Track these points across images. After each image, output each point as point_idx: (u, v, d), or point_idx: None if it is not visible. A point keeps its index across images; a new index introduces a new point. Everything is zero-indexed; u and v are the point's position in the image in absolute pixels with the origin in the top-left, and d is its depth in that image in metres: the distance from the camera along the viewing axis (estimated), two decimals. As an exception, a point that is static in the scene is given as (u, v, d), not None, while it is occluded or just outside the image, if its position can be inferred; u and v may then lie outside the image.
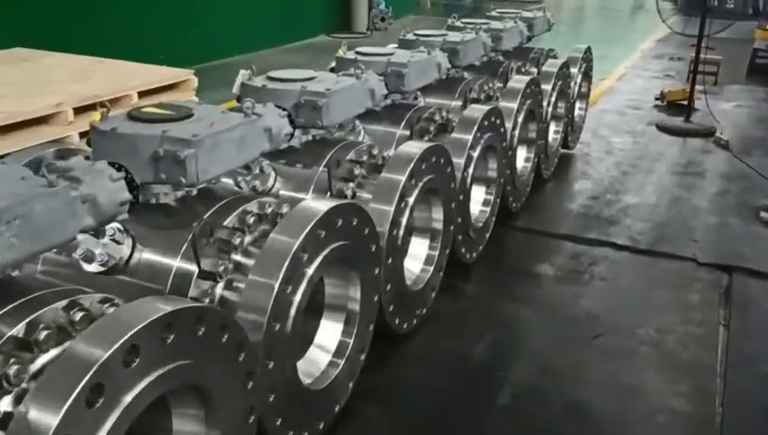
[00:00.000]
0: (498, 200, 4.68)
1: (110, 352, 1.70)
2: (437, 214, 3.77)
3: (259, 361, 2.34)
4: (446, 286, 4.03)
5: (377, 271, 3.10)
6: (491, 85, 5.12)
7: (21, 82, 6.00)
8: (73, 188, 2.11)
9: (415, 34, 5.15)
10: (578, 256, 4.68)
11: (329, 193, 3.32)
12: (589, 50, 6.52)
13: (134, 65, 7.02)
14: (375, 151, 3.58)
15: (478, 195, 4.51)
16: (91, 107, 5.67)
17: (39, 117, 5.33)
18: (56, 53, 7.15)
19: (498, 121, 4.38)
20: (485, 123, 4.15)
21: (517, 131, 4.80)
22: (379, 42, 5.28)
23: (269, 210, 2.77)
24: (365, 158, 3.50)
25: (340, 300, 2.99)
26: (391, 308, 3.34)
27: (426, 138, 4.17)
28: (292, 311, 2.50)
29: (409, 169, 3.29)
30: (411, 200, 3.38)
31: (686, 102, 8.02)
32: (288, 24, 12.37)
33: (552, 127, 5.94)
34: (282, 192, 3.42)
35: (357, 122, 4.11)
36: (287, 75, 3.56)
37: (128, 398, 1.78)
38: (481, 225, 4.44)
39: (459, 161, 3.95)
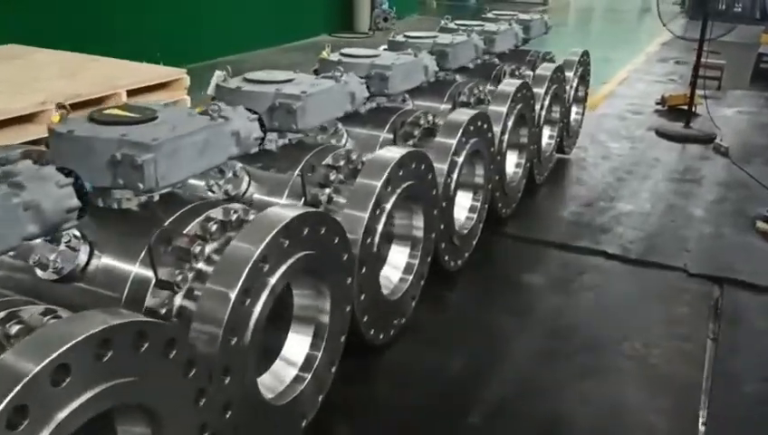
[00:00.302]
0: (486, 207, 4.58)
1: (34, 371, 1.60)
2: (418, 221, 3.67)
3: (212, 376, 2.24)
4: (429, 295, 3.92)
5: (349, 281, 3.00)
6: (481, 88, 5.01)
7: (11, 80, 5.94)
8: (15, 194, 2.02)
9: (404, 36, 5.05)
10: (567, 265, 4.58)
11: (303, 199, 3.23)
12: (586, 54, 6.39)
13: (126, 63, 6.95)
14: (354, 156, 3.49)
15: (464, 201, 4.41)
16: (77, 106, 5.61)
17: (25, 115, 5.27)
18: (49, 50, 7.09)
19: (485, 126, 4.27)
20: (471, 128, 4.05)
21: (506, 136, 4.69)
22: (381, 42, 5.18)
23: (234, 217, 2.67)
24: (342, 163, 3.40)
25: (309, 311, 2.89)
26: (366, 319, 3.25)
27: (410, 142, 4.08)
28: (252, 323, 2.41)
29: (385, 174, 3.19)
30: (388, 207, 3.27)
31: (687, 107, 7.88)
32: (289, 23, 12.28)
33: (546, 132, 5.83)
34: (255, 196, 3.33)
35: (339, 125, 4.02)
36: (264, 77, 3.46)
37: (59, 418, 1.69)
38: (467, 232, 4.33)
39: (442, 167, 3.85)
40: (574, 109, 6.48)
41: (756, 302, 4.16)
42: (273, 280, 2.49)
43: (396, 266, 3.66)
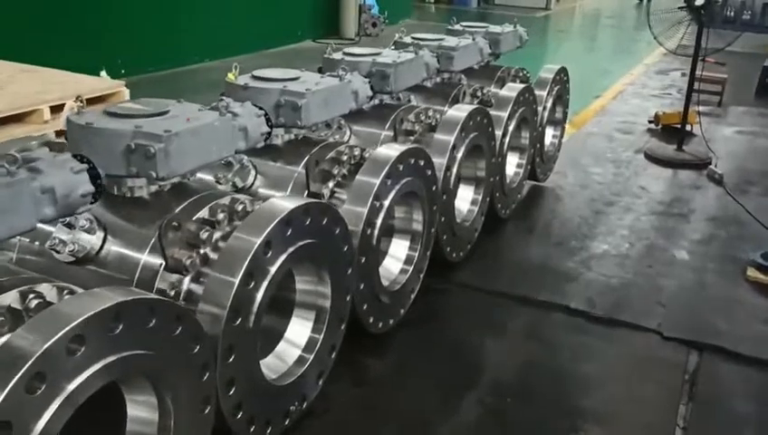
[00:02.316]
0: (428, 254, 3.93)
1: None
2: (323, 287, 3.02)
3: None
4: (348, 362, 3.32)
5: (206, 376, 2.36)
6: (431, 114, 4.35)
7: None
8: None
9: (343, 53, 4.40)
10: (521, 323, 3.92)
11: (162, 262, 2.60)
12: (563, 71, 5.72)
13: (62, 74, 6.37)
14: (240, 207, 2.83)
15: (398, 251, 3.77)
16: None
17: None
18: (-21, 59, 6.52)
19: (422, 163, 3.63)
20: (400, 167, 3.41)
21: (454, 170, 4.05)
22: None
23: (55, 294, 2.05)
24: (221, 216, 2.75)
25: (144, 426, 2.23)
26: (240, 416, 2.60)
27: (330, 183, 3.44)
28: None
29: (265, 233, 2.55)
30: (272, 271, 2.63)
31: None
32: (271, 28, 11.68)
33: (513, 160, 5.19)
34: (113, 252, 2.70)
35: (245, 161, 3.40)
36: (128, 109, 2.82)
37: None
38: (400, 287, 3.69)
39: (360, 212, 3.21)
40: (550, 132, 5.83)
41: (739, 376, 3.50)
42: (69, 388, 1.84)
43: (295, 344, 3.01)
